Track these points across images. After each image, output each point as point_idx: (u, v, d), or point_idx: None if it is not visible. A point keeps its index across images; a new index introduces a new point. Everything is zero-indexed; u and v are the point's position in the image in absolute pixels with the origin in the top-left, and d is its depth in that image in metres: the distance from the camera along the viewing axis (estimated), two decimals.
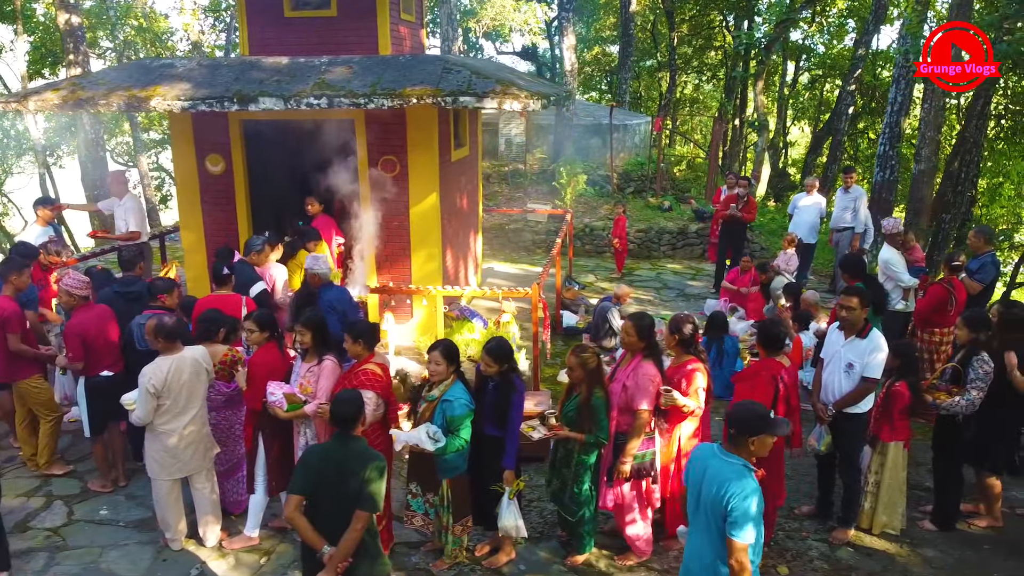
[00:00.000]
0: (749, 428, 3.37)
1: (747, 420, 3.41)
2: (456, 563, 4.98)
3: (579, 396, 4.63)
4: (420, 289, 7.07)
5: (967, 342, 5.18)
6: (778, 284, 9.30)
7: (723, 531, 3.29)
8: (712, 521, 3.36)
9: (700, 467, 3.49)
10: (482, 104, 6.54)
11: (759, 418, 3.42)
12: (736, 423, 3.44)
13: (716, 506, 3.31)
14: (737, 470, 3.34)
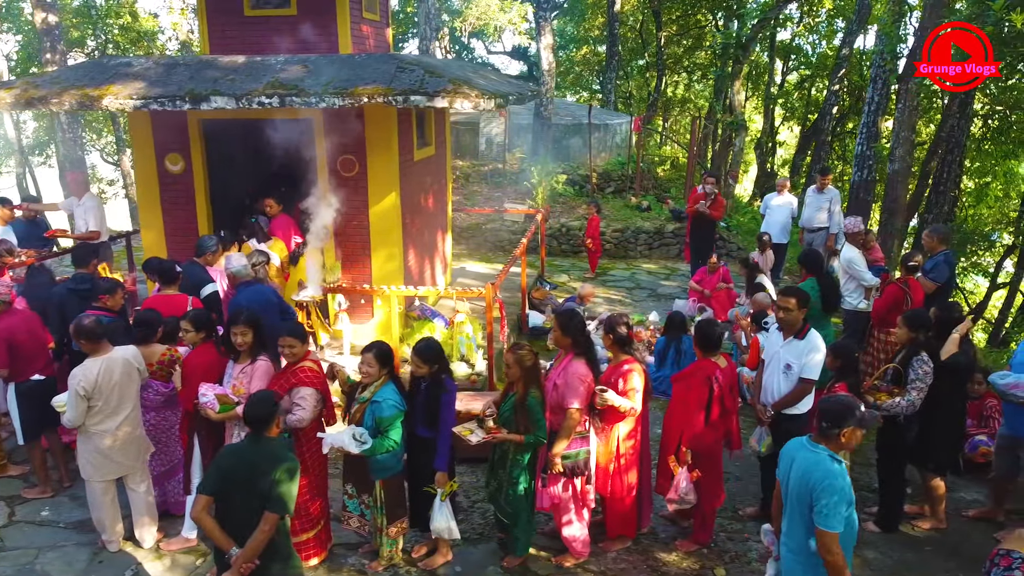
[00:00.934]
0: (839, 420, 3.42)
1: (837, 412, 3.45)
2: (392, 564, 4.96)
3: (515, 395, 4.60)
4: (375, 289, 7.04)
5: (906, 342, 5.15)
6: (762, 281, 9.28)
7: (810, 520, 3.38)
8: (799, 510, 3.46)
9: (788, 459, 3.61)
10: (432, 103, 6.51)
11: (848, 410, 3.45)
12: (826, 415, 3.48)
13: (803, 496, 3.42)
14: (822, 460, 3.40)
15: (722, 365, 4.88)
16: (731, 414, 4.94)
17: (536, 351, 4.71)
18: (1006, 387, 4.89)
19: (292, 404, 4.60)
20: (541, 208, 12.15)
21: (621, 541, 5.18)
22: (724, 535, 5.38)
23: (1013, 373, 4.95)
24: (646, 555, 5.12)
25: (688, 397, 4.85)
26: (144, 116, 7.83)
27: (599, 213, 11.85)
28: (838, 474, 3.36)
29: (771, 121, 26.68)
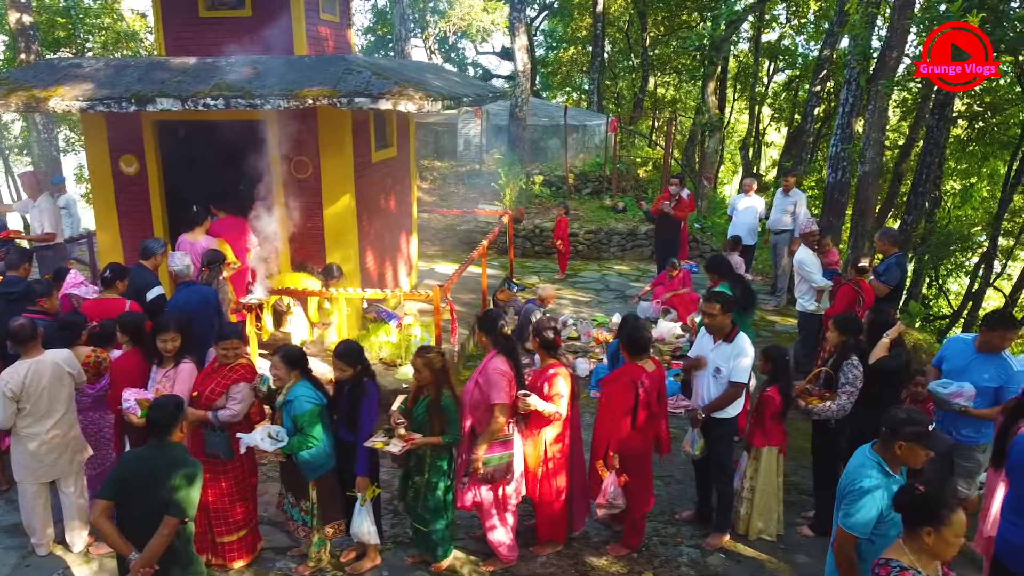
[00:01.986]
0: (898, 432, 3.38)
1: (899, 423, 3.41)
2: (319, 569, 4.94)
3: (427, 398, 4.58)
4: (322, 292, 7.03)
5: (837, 345, 5.13)
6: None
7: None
8: (838, 510, 3.51)
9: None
10: (377, 105, 6.49)
11: (908, 423, 3.37)
12: (888, 423, 3.45)
13: (839, 496, 3.48)
14: (864, 464, 3.42)
15: (649, 369, 4.86)
16: (659, 418, 4.92)
17: (444, 353, 4.70)
18: (948, 396, 4.85)
19: (227, 400, 4.61)
20: (509, 209, 12.12)
21: (552, 546, 5.16)
22: (657, 539, 5.36)
23: (955, 382, 4.90)
24: (576, 560, 5.10)
25: (614, 401, 4.84)
26: (98, 118, 7.81)
27: (568, 214, 11.82)
28: (869, 480, 3.36)
29: (757, 122, 26.68)
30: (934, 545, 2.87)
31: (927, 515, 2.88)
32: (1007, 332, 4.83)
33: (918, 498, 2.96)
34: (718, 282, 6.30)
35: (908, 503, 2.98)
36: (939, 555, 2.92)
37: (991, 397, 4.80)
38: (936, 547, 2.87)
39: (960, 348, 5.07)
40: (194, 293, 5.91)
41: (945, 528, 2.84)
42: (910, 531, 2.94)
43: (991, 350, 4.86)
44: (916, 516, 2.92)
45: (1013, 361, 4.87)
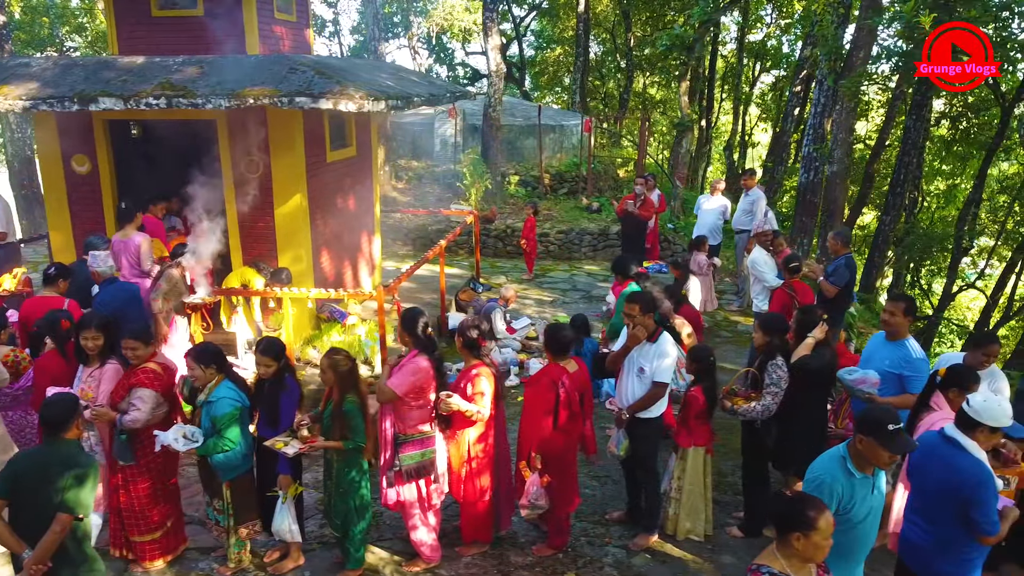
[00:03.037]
0: (860, 426, 3.37)
1: (861, 418, 3.40)
2: (241, 569, 4.93)
3: (332, 402, 4.57)
4: (266, 291, 7.02)
5: (762, 346, 5.13)
6: (692, 284, 9.25)
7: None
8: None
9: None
10: (317, 104, 6.49)
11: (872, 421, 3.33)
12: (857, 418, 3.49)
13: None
14: (831, 456, 3.44)
15: (570, 369, 4.85)
16: (580, 418, 4.90)
17: (350, 355, 4.69)
18: (853, 382, 4.88)
19: (129, 404, 4.59)
20: (475, 209, 12.11)
21: (477, 546, 5.15)
22: (585, 539, 5.35)
23: (860, 369, 4.93)
24: (500, 560, 5.09)
25: (535, 402, 4.83)
26: (49, 117, 7.79)
27: (536, 214, 11.81)
28: (824, 472, 3.40)
29: (742, 122, 26.67)
30: (804, 549, 2.85)
31: (795, 520, 2.86)
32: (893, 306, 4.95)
33: (786, 504, 2.95)
34: (626, 283, 6.32)
35: (776, 509, 2.98)
36: (810, 558, 2.91)
37: (895, 383, 4.83)
38: (806, 551, 2.86)
39: (874, 337, 5.12)
40: (120, 291, 5.91)
41: (813, 532, 2.82)
42: (780, 536, 2.92)
43: (893, 336, 4.94)
44: (785, 522, 2.90)
45: (914, 348, 4.91)
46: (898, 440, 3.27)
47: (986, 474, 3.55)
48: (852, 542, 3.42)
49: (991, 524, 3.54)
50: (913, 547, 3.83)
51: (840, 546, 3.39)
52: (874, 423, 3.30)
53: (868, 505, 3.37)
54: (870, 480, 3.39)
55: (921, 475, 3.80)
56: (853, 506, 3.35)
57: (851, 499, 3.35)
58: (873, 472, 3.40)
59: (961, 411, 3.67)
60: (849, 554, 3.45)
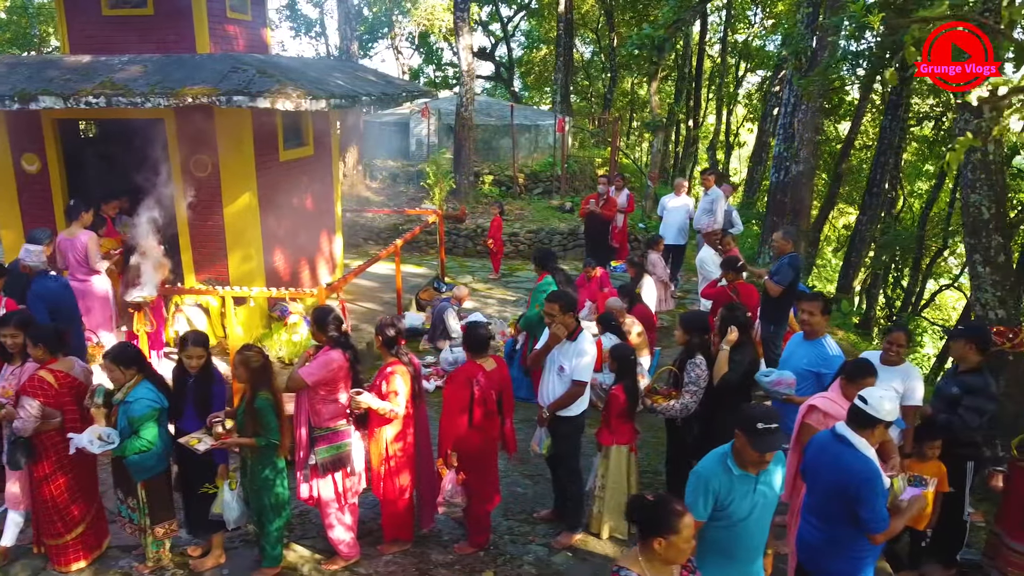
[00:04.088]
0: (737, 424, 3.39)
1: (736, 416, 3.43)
2: (160, 567, 4.93)
3: (244, 399, 4.58)
4: (208, 289, 7.03)
5: (682, 344, 5.13)
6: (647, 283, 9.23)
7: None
8: None
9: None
10: (255, 103, 6.50)
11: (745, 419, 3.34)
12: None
13: None
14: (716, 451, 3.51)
15: (488, 367, 4.86)
16: (497, 416, 4.91)
17: (265, 352, 4.69)
18: (770, 384, 4.88)
19: (20, 409, 4.57)
20: (439, 209, 12.11)
21: (398, 544, 5.15)
22: (509, 537, 5.35)
23: (776, 371, 4.94)
24: (420, 558, 5.09)
25: (450, 400, 4.83)
26: None
27: (503, 214, 11.82)
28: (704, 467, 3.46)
29: (727, 122, 26.69)
30: (665, 552, 2.84)
31: (656, 524, 2.85)
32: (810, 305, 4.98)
33: (647, 507, 2.93)
34: (542, 276, 6.34)
35: (638, 512, 2.94)
36: (671, 560, 2.89)
37: (814, 382, 4.83)
38: (667, 554, 2.85)
39: (794, 337, 5.13)
40: (53, 283, 5.92)
41: (674, 535, 2.81)
42: (642, 539, 2.91)
43: (809, 334, 4.95)
44: (646, 525, 2.88)
45: (831, 346, 4.92)
46: (766, 439, 3.27)
47: (873, 472, 3.55)
48: (733, 539, 3.42)
49: (878, 522, 3.54)
50: (807, 546, 3.84)
51: (719, 542, 3.41)
52: (747, 421, 3.30)
53: (750, 503, 3.37)
54: (752, 478, 3.38)
55: (814, 474, 3.80)
56: (731, 502, 3.35)
57: (729, 495, 3.35)
58: (757, 471, 3.39)
59: (854, 408, 3.67)
60: (730, 551, 3.45)
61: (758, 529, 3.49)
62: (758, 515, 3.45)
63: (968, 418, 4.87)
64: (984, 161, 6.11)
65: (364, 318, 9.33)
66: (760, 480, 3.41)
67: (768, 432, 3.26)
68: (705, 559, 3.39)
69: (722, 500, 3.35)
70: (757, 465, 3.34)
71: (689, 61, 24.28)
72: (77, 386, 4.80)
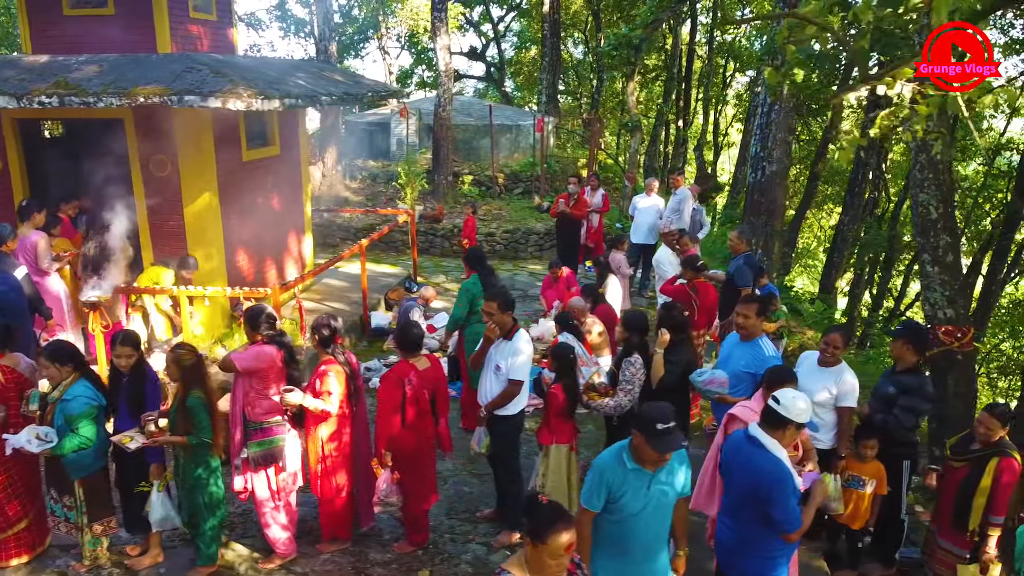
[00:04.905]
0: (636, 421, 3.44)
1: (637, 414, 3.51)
2: (97, 565, 4.94)
3: (176, 397, 4.59)
4: (162, 288, 7.05)
5: (622, 343, 5.14)
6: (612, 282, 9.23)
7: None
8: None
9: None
10: (206, 103, 6.51)
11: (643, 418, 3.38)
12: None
13: None
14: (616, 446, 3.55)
15: (420, 367, 4.87)
16: (430, 416, 4.92)
17: (198, 351, 4.70)
18: (704, 384, 4.89)
19: None
20: (410, 208, 12.12)
21: (337, 543, 5.16)
22: (449, 536, 5.36)
23: (709, 370, 4.95)
24: (359, 557, 5.10)
25: (384, 399, 4.84)
26: None
27: (476, 214, 11.83)
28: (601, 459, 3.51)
29: (715, 122, 26.69)
30: (533, 560, 2.72)
31: (534, 528, 2.72)
32: (746, 308, 5.01)
33: (532, 508, 2.80)
34: (470, 273, 6.39)
35: (527, 511, 2.83)
36: (539, 571, 2.72)
37: (750, 383, 4.84)
38: (534, 562, 2.72)
39: (729, 338, 5.15)
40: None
41: (542, 546, 2.67)
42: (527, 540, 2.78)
43: (746, 336, 4.96)
44: (530, 527, 2.76)
45: (767, 347, 4.93)
46: (663, 440, 3.27)
47: (783, 473, 3.55)
48: (626, 534, 3.42)
49: (789, 522, 3.54)
50: (722, 546, 3.85)
51: (612, 536, 3.41)
52: (647, 420, 3.31)
53: (644, 499, 3.37)
54: (648, 475, 3.38)
55: (728, 474, 3.81)
56: (623, 495, 3.35)
57: (621, 489, 3.35)
58: (655, 468, 3.39)
59: (767, 408, 3.67)
60: (623, 545, 3.45)
61: (653, 526, 3.46)
62: (652, 512, 3.42)
63: (903, 418, 4.89)
64: (932, 161, 6.12)
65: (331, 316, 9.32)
66: (658, 478, 3.41)
67: (667, 432, 3.26)
68: (599, 551, 3.40)
69: (614, 493, 3.36)
70: (655, 463, 3.34)
71: (679, 61, 24.28)
72: (22, 382, 4.83)
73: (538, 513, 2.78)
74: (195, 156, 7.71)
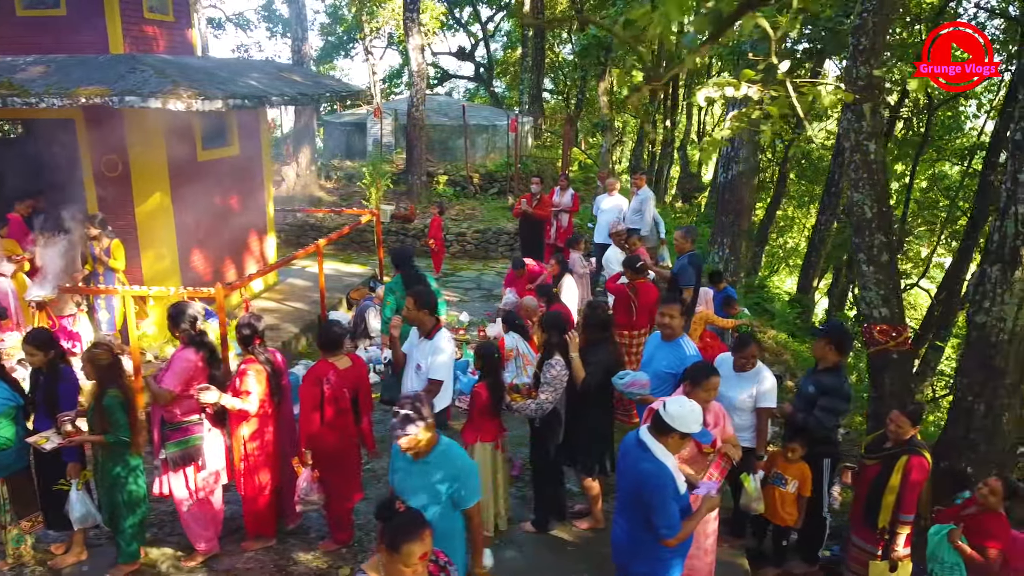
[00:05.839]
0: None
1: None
2: (20, 563, 4.96)
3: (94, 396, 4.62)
4: (106, 288, 7.08)
5: (541, 344, 5.16)
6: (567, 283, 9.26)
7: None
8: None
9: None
10: (146, 104, 6.54)
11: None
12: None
13: None
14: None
15: (340, 366, 4.89)
16: (349, 414, 4.94)
17: (115, 350, 4.73)
18: (624, 386, 4.91)
19: None
20: (375, 208, 12.15)
21: (261, 540, 5.19)
22: (375, 535, 5.36)
23: (631, 373, 4.97)
24: (282, 555, 5.13)
25: (303, 399, 4.87)
26: None
27: (442, 214, 11.86)
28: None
29: (701, 122, 26.70)
30: (388, 566, 2.70)
31: (386, 536, 2.69)
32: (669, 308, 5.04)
33: (388, 515, 2.77)
34: (396, 273, 6.41)
35: (379, 513, 2.80)
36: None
37: (671, 383, 4.87)
38: (389, 568, 2.69)
39: (651, 338, 5.18)
40: None
41: (396, 555, 2.65)
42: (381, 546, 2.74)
43: (668, 336, 4.99)
44: (385, 531, 2.73)
45: (688, 347, 4.96)
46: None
47: (665, 478, 3.56)
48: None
49: (666, 528, 3.55)
50: (616, 547, 3.87)
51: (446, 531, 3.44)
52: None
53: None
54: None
55: (620, 477, 3.84)
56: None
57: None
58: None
59: (656, 415, 3.69)
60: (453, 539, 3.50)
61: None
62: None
63: (823, 418, 4.92)
64: (866, 161, 6.14)
65: (289, 317, 9.38)
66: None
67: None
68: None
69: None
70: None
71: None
72: None
73: (394, 521, 2.75)
74: (146, 156, 7.74)
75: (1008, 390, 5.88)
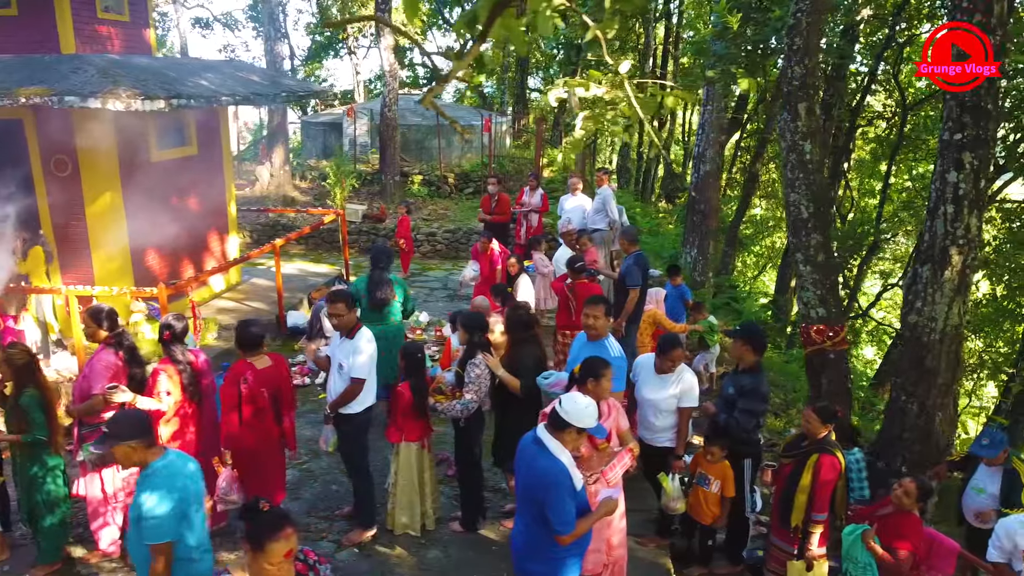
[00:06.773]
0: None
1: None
2: None
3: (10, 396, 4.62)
4: (51, 288, 7.08)
5: (463, 343, 5.17)
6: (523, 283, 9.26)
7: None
8: None
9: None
10: (86, 104, 6.55)
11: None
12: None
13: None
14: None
15: (259, 366, 4.89)
16: (268, 413, 4.94)
17: (29, 350, 4.74)
18: (548, 387, 4.91)
19: None
20: (340, 208, 12.15)
21: None
22: (303, 534, 5.38)
23: (556, 373, 4.97)
24: None
25: (222, 397, 4.87)
26: None
27: (409, 213, 11.86)
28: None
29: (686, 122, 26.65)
30: (253, 566, 2.70)
31: (250, 535, 2.68)
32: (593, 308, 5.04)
33: (251, 515, 2.77)
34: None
35: (244, 515, 2.83)
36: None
37: None
38: (254, 568, 2.69)
39: (577, 338, 5.19)
40: None
41: (260, 553, 2.67)
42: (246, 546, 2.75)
43: (593, 336, 5.00)
44: (248, 532, 2.75)
45: (613, 347, 4.96)
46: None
47: (559, 474, 3.55)
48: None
49: (561, 524, 3.54)
50: (513, 547, 3.86)
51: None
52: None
53: None
54: None
55: (517, 475, 3.83)
56: None
57: None
58: None
59: (552, 410, 3.69)
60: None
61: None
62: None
63: (742, 420, 4.92)
64: (802, 161, 6.14)
65: (247, 317, 9.36)
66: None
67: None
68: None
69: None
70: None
71: (653, 61, 24.28)
72: None
73: (257, 520, 2.76)
74: (97, 156, 7.74)
75: (941, 390, 5.89)
